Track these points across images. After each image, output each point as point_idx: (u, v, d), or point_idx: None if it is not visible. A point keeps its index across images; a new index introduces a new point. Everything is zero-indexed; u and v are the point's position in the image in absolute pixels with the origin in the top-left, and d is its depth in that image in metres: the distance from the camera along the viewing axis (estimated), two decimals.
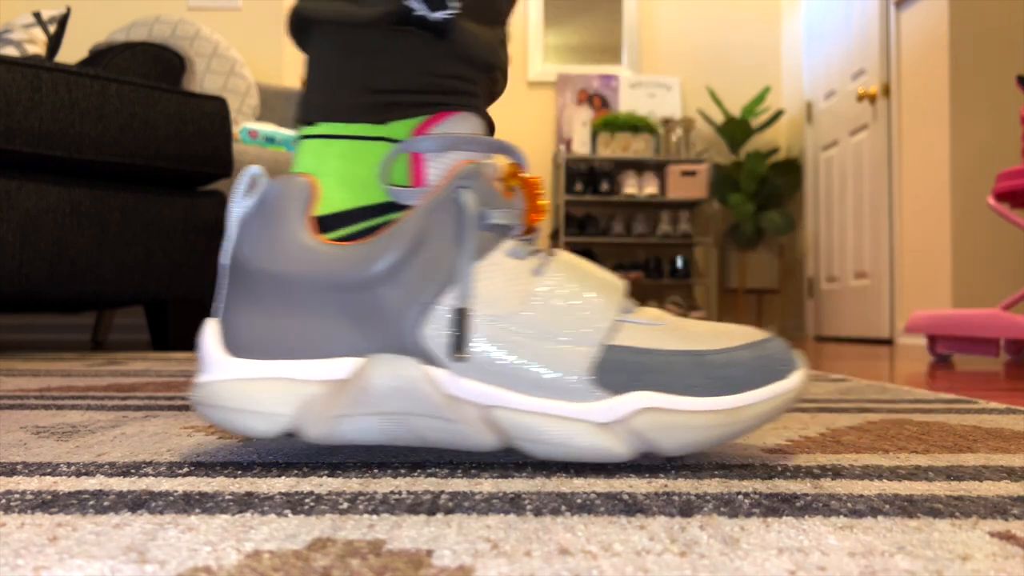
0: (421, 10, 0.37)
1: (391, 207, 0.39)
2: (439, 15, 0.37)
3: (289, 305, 0.36)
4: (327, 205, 0.38)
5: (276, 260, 0.36)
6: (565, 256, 0.39)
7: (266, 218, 0.36)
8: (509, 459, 0.39)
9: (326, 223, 0.38)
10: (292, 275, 0.35)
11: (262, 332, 0.36)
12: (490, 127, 0.41)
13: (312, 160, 0.38)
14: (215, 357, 0.36)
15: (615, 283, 0.39)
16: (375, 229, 0.39)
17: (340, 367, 0.36)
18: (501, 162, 0.39)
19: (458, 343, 0.35)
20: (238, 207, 0.37)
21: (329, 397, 0.36)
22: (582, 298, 0.37)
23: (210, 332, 0.37)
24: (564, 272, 0.37)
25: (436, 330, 0.35)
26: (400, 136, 0.38)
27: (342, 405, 0.35)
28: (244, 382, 0.36)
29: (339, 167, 0.38)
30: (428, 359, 0.36)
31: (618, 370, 0.36)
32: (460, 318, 0.35)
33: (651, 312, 0.39)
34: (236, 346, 0.36)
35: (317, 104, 0.39)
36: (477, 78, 0.40)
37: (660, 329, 0.38)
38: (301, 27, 0.40)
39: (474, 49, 0.38)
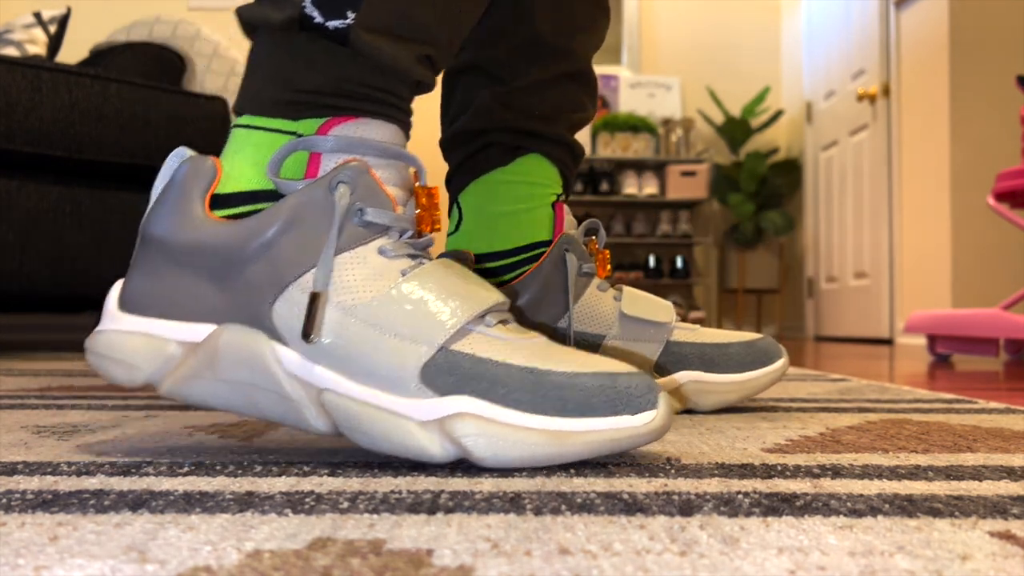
0: (318, 18, 0.39)
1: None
2: (333, 24, 0.39)
3: (170, 269, 0.39)
4: (233, 184, 0.40)
5: (168, 228, 0.39)
6: (444, 265, 0.40)
7: (172, 192, 0.39)
8: None
9: (229, 200, 0.40)
10: (176, 242, 0.39)
11: (146, 291, 0.39)
12: (407, 137, 0.44)
13: (232, 146, 0.41)
14: (108, 309, 0.40)
15: (486, 296, 0.39)
16: None
17: (200, 331, 0.38)
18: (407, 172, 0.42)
19: (306, 326, 0.37)
20: (158, 181, 0.40)
21: (185, 358, 0.38)
22: (436, 302, 0.38)
23: (113, 289, 0.41)
24: (431, 277, 0.38)
25: (289, 310, 0.37)
26: (308, 133, 0.40)
27: (193, 367, 0.38)
28: (120, 334, 0.39)
29: (252, 154, 0.40)
30: (278, 337, 0.38)
31: (448, 373, 0.36)
32: (312, 302, 0.37)
33: (529, 332, 0.40)
34: (125, 302, 0.40)
35: (245, 98, 0.42)
36: (396, 89, 0.41)
37: (514, 345, 0.38)
38: (245, 29, 0.43)
39: (380, 60, 0.39)
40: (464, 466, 0.37)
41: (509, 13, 0.59)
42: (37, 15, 1.81)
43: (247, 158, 0.40)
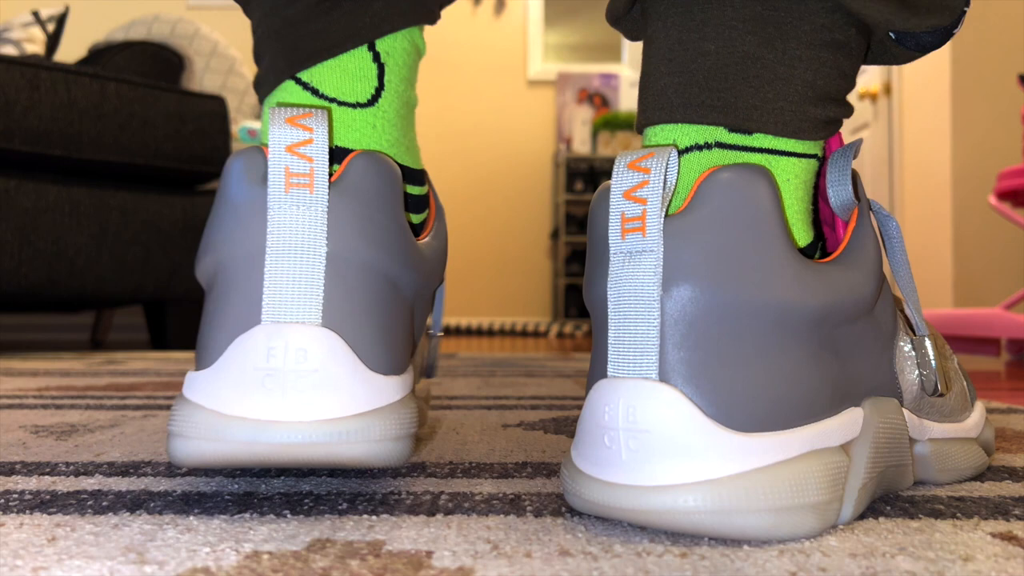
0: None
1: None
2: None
3: (780, 349, 0.26)
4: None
5: (769, 287, 0.26)
6: None
7: (761, 235, 0.27)
8: (508, 459, 0.39)
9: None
10: (805, 307, 0.26)
11: (755, 387, 0.25)
12: None
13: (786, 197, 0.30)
14: (712, 439, 0.25)
15: None
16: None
17: (853, 419, 0.28)
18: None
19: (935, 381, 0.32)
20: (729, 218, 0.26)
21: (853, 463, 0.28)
22: None
23: (679, 402, 0.25)
24: None
25: (901, 362, 0.32)
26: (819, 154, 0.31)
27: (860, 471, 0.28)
28: (778, 468, 0.25)
29: (803, 198, 0.31)
30: (900, 399, 0.32)
31: None
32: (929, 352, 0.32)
33: None
34: (737, 419, 0.25)
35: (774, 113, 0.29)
36: None
37: None
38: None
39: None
40: (464, 466, 0.37)
41: None
42: (35, 14, 1.81)
43: (797, 208, 0.30)
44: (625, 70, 3.75)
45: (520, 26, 3.73)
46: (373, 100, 0.34)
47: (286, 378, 0.27)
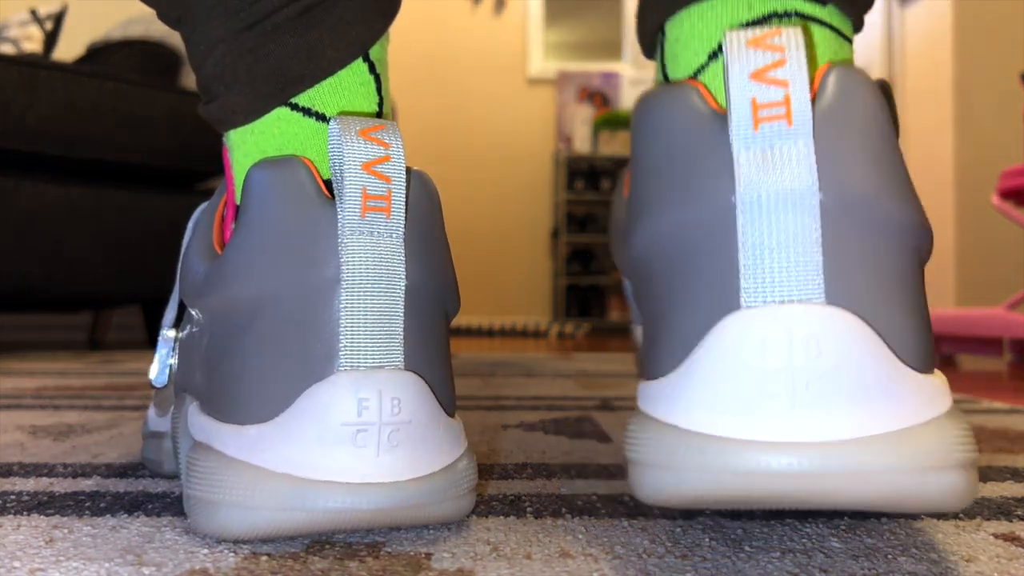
0: None
1: None
2: None
3: (918, 276, 0.23)
4: None
5: None
6: None
7: None
8: (508, 460, 0.39)
9: None
10: None
11: (921, 318, 0.22)
12: None
13: None
14: (904, 380, 0.21)
15: None
16: None
17: None
18: None
19: None
20: None
21: None
22: None
23: (863, 332, 0.21)
24: None
25: None
26: None
27: None
28: (954, 414, 0.21)
29: None
30: None
31: None
32: None
33: None
34: (914, 355, 0.21)
35: None
36: None
37: None
38: None
39: None
40: None
41: None
42: (33, 12, 1.81)
43: None
44: (626, 69, 3.75)
45: (520, 24, 3.73)
46: (379, 115, 0.30)
47: (381, 433, 0.23)
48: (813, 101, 0.22)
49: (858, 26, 0.27)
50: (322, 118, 0.29)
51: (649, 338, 0.23)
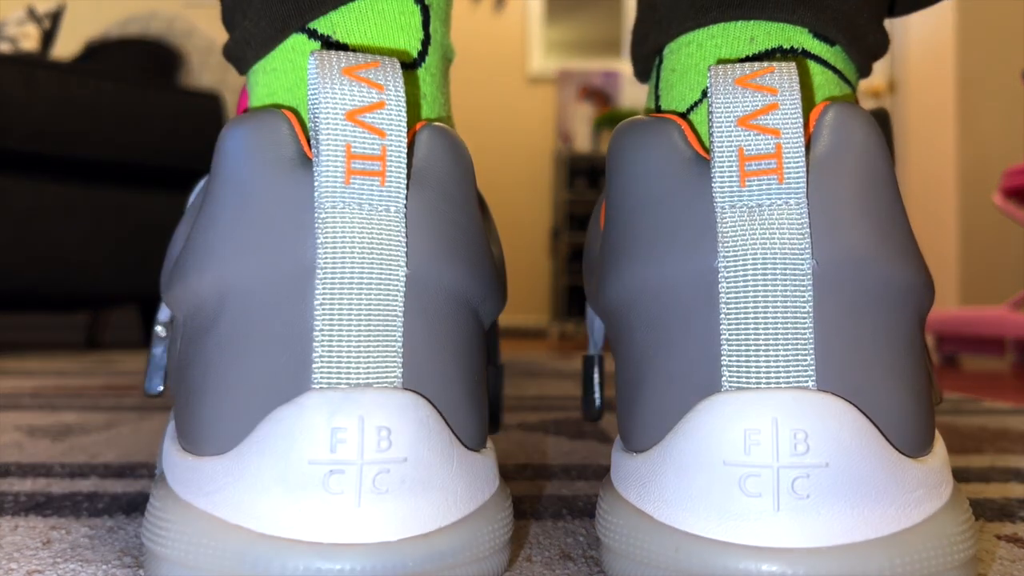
0: None
1: None
2: None
3: (916, 345, 0.21)
4: None
5: None
6: None
7: None
8: (509, 461, 0.38)
9: None
10: None
11: (918, 395, 0.20)
12: None
13: None
14: (899, 471, 0.19)
15: None
16: None
17: None
18: None
19: None
20: None
21: None
22: None
23: (857, 421, 0.19)
24: None
25: None
26: None
27: None
28: (957, 503, 0.20)
29: None
30: None
31: None
32: None
33: None
34: (908, 439, 0.20)
35: None
36: None
37: None
38: None
39: None
40: None
41: None
42: (31, 10, 1.80)
43: None
44: (627, 67, 3.75)
45: (520, 22, 3.73)
46: (421, 57, 0.24)
47: (363, 474, 0.17)
48: (807, 146, 0.19)
49: (864, 72, 0.25)
50: (344, 50, 0.23)
51: (625, 399, 0.21)
